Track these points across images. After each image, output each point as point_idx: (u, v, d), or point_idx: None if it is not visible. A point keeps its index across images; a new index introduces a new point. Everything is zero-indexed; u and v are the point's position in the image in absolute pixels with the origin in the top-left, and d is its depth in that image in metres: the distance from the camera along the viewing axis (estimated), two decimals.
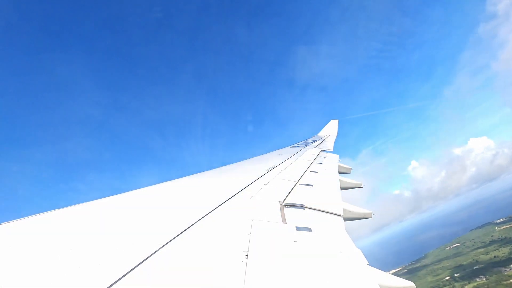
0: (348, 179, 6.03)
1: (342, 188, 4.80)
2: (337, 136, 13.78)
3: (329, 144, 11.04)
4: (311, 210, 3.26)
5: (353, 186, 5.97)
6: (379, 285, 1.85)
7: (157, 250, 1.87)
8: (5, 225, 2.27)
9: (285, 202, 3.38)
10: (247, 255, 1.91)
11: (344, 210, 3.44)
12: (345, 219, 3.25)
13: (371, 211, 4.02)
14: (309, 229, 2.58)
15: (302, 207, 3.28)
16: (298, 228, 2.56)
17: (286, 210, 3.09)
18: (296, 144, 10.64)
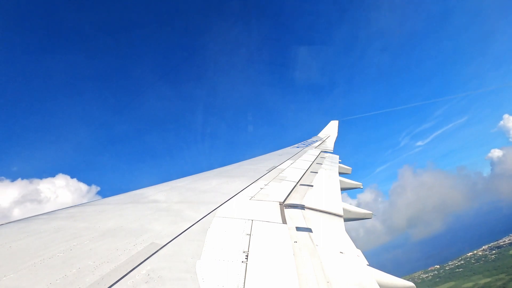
0: (348, 180, 6.05)
1: (342, 189, 4.80)
2: (338, 137, 13.81)
3: (329, 145, 11.06)
4: (312, 210, 3.26)
5: (353, 186, 5.99)
6: (379, 285, 1.86)
7: (157, 251, 1.87)
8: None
9: (285, 202, 3.38)
10: (247, 256, 1.91)
11: (344, 210, 3.44)
12: (345, 220, 3.25)
13: (371, 212, 4.02)
14: (309, 230, 2.58)
15: (303, 207, 3.29)
16: (298, 229, 2.56)
17: (287, 210, 3.10)
18: (296, 145, 10.65)
